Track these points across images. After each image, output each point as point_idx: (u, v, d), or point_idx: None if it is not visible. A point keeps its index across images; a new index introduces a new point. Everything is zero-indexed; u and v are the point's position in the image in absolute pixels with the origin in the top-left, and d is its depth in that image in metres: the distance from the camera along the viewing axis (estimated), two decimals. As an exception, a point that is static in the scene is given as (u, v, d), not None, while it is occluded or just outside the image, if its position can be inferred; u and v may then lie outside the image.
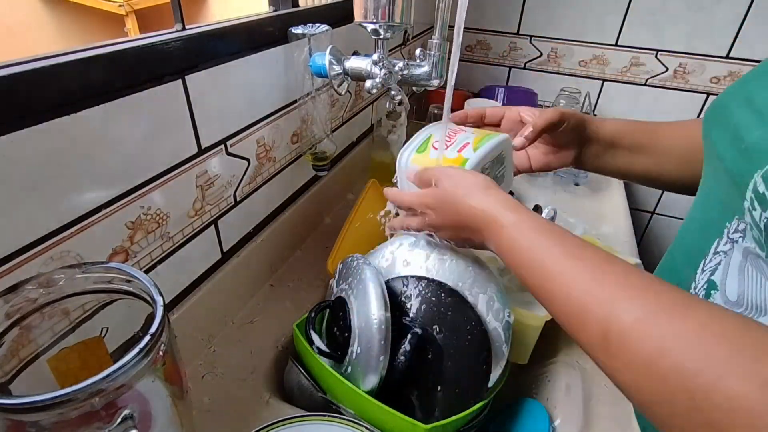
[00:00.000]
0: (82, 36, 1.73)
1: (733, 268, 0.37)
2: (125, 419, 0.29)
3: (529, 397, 0.59)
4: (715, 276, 0.39)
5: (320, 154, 0.74)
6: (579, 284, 0.33)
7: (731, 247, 0.37)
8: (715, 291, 0.39)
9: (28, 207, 0.37)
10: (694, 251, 0.42)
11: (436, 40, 0.59)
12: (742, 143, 0.35)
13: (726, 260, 0.38)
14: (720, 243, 0.39)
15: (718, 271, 0.39)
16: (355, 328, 0.51)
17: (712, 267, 0.39)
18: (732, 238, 0.37)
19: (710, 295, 0.39)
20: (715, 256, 0.39)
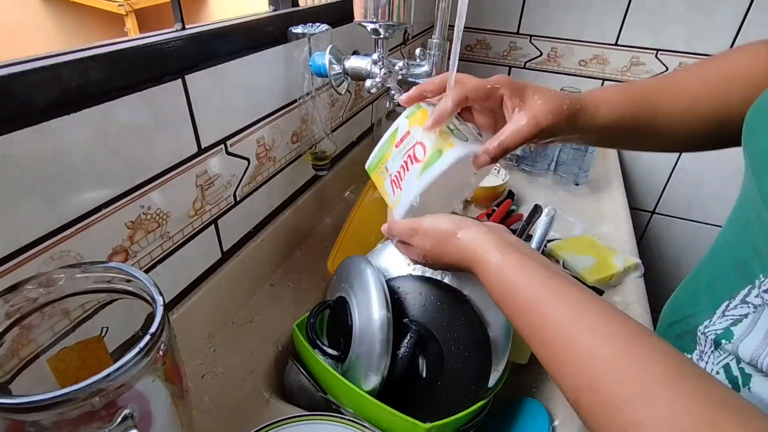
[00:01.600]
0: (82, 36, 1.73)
1: (760, 328, 0.32)
2: (125, 419, 0.29)
3: (529, 397, 0.59)
4: (736, 327, 0.34)
5: (320, 153, 0.74)
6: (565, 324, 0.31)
7: (762, 303, 0.32)
8: (726, 341, 0.35)
9: (28, 207, 0.37)
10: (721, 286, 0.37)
11: (436, 39, 0.59)
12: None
13: (754, 316, 0.33)
14: (752, 293, 0.33)
15: (741, 324, 0.34)
16: (356, 327, 0.51)
17: (735, 316, 0.35)
18: (764, 297, 0.32)
19: (720, 343, 0.36)
20: (742, 306, 0.34)
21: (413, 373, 0.50)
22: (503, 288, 0.36)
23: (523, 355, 0.63)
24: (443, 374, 0.50)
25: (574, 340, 0.30)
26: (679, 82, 0.45)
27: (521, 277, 0.35)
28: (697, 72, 0.46)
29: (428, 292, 0.52)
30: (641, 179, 1.44)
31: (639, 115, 0.44)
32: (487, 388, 0.51)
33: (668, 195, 1.45)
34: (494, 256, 0.38)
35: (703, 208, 1.42)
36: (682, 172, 1.39)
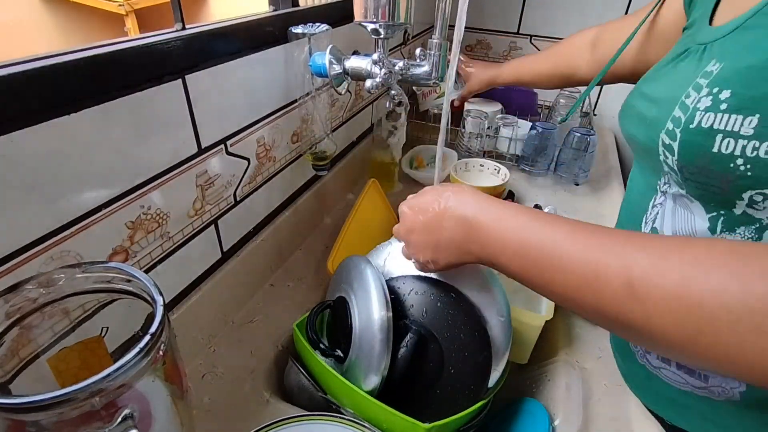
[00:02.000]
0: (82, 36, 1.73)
1: (667, 214, 0.46)
2: (125, 419, 0.29)
3: (529, 397, 0.59)
4: (656, 224, 0.48)
5: (320, 153, 0.74)
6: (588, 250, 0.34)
7: (664, 198, 0.47)
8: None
9: (28, 207, 0.37)
10: (637, 210, 0.51)
11: (436, 39, 0.59)
12: (645, 120, 0.46)
13: (662, 210, 0.47)
14: (656, 199, 0.48)
15: (657, 220, 0.48)
16: (356, 328, 0.51)
17: (652, 217, 0.48)
18: (663, 191, 0.47)
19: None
20: (654, 209, 0.48)
21: (413, 373, 0.50)
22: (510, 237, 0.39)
23: (523, 355, 0.63)
24: (443, 374, 0.50)
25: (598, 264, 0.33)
26: (539, 63, 0.93)
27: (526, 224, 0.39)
28: (552, 54, 0.91)
29: (428, 292, 0.52)
30: (641, 179, 1.44)
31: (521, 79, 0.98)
32: (487, 388, 0.51)
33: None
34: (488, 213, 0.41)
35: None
36: (682, 172, 1.39)
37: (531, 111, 1.31)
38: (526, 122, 1.15)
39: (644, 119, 0.47)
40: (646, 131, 0.46)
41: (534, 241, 0.37)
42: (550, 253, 0.36)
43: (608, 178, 1.14)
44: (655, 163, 0.46)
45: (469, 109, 1.14)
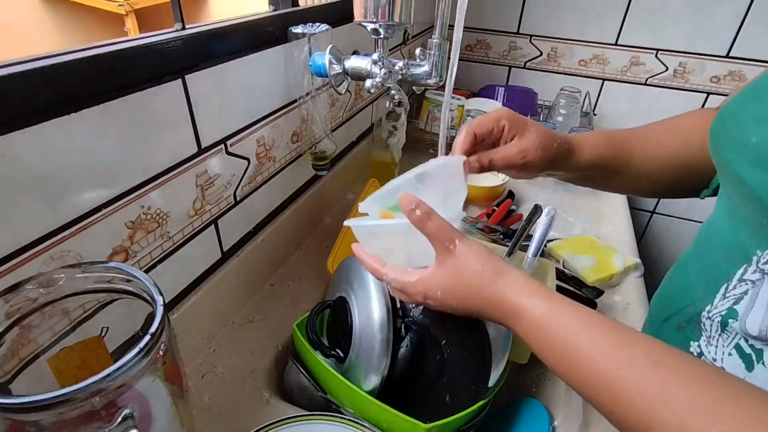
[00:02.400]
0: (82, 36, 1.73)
1: (761, 302, 0.35)
2: (125, 419, 0.29)
3: (529, 397, 0.59)
4: (739, 305, 0.36)
5: (320, 153, 0.74)
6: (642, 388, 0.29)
7: (761, 278, 0.35)
8: (733, 320, 0.37)
9: (28, 207, 0.37)
10: (715, 273, 0.39)
11: (436, 39, 0.59)
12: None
13: (754, 291, 0.35)
14: (748, 271, 0.36)
15: (743, 301, 0.36)
16: (356, 327, 0.51)
17: (735, 295, 0.37)
18: (763, 269, 0.35)
19: (727, 323, 0.37)
20: (741, 284, 0.36)
21: (413, 373, 0.50)
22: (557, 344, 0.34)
23: (523, 355, 0.63)
24: (443, 374, 0.50)
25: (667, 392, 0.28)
26: (648, 131, 0.52)
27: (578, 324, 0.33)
28: (660, 125, 0.53)
29: (428, 292, 0.52)
30: (641, 179, 1.44)
31: (616, 156, 0.50)
32: (487, 388, 0.51)
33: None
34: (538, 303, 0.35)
35: (703, 208, 1.42)
36: (682, 172, 1.39)
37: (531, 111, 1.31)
38: (526, 122, 1.15)
39: (766, 160, 0.33)
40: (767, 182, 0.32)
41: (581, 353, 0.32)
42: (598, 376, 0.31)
43: (608, 177, 1.14)
44: (766, 227, 0.33)
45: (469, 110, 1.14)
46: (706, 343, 0.39)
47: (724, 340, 0.38)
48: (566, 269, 0.81)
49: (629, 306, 0.73)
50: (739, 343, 0.37)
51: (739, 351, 0.37)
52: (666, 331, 0.45)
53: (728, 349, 0.37)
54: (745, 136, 0.35)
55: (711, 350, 0.39)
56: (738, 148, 0.36)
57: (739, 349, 0.37)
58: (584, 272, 0.77)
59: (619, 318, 0.71)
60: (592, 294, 0.74)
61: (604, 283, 0.77)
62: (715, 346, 0.39)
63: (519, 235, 0.68)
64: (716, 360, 0.38)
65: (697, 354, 0.40)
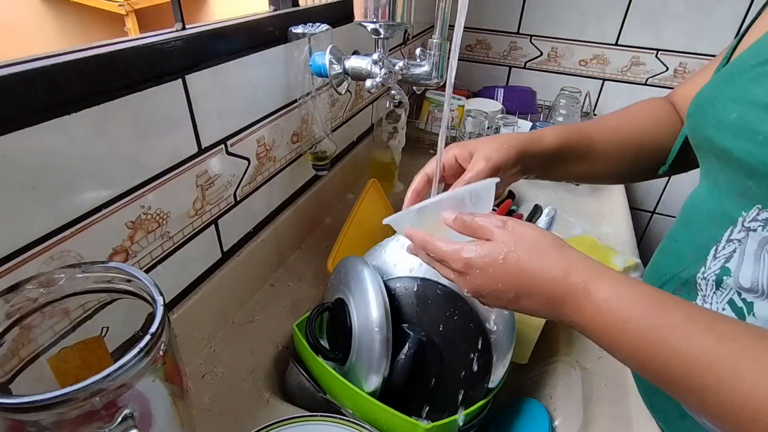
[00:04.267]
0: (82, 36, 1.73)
1: (749, 256, 0.38)
2: (125, 419, 0.29)
3: (529, 397, 0.59)
4: (730, 263, 0.39)
5: (320, 153, 0.74)
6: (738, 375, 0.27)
7: (746, 235, 0.38)
8: (727, 277, 0.40)
9: (28, 207, 0.37)
10: (704, 237, 0.43)
11: (436, 39, 0.59)
12: (758, 135, 0.35)
13: (741, 248, 0.39)
14: (734, 231, 0.39)
15: (733, 259, 0.39)
16: (355, 329, 0.51)
17: (725, 254, 0.40)
18: (748, 227, 0.38)
19: (722, 281, 0.40)
20: (729, 244, 0.40)
21: (413, 374, 0.50)
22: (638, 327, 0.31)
23: (523, 355, 0.63)
24: (443, 374, 0.50)
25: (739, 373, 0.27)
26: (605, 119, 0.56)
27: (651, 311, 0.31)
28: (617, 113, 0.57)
29: (427, 291, 0.52)
30: (641, 179, 1.44)
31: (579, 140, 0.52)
32: (487, 388, 0.51)
33: (668, 195, 1.45)
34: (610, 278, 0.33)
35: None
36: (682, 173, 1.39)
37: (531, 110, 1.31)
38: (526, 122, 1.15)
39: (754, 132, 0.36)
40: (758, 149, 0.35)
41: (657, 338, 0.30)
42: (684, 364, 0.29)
43: (608, 178, 1.14)
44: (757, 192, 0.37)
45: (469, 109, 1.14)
46: (702, 301, 0.42)
47: (719, 297, 0.41)
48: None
49: (629, 306, 0.73)
50: (732, 298, 0.40)
51: (731, 305, 0.40)
52: None
53: (722, 305, 0.40)
54: (724, 114, 0.39)
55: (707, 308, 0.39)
56: (719, 125, 0.40)
57: (731, 304, 0.40)
58: (584, 272, 0.77)
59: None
60: (592, 294, 0.74)
61: (604, 283, 0.76)
62: (710, 303, 0.41)
63: (519, 235, 0.68)
64: None
65: None
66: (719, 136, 0.40)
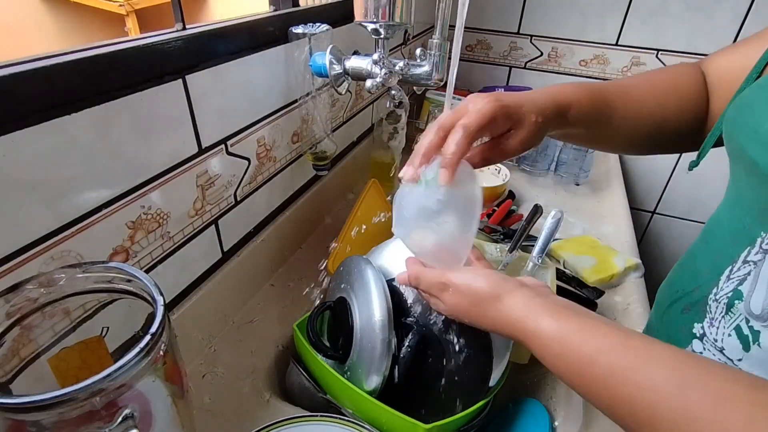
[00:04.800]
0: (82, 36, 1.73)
1: (763, 281, 0.36)
2: (126, 419, 0.29)
3: (529, 397, 0.59)
4: (743, 286, 0.37)
5: (320, 153, 0.74)
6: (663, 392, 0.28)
7: (763, 257, 0.36)
8: (739, 301, 0.38)
9: (28, 207, 0.37)
10: (721, 256, 0.40)
11: (436, 39, 0.59)
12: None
13: (756, 271, 0.36)
14: (751, 252, 0.37)
15: (746, 282, 0.37)
16: (357, 328, 0.51)
17: (740, 276, 0.38)
18: (766, 249, 0.36)
19: (733, 304, 0.38)
20: (745, 266, 0.37)
21: (414, 373, 0.50)
22: (570, 359, 0.33)
23: (524, 355, 0.63)
24: (444, 374, 0.50)
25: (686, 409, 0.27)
26: (630, 89, 0.51)
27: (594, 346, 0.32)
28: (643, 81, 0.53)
29: (428, 292, 0.52)
30: (641, 179, 1.44)
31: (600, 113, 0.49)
32: (488, 388, 0.51)
33: (668, 195, 1.45)
34: (548, 324, 0.35)
35: (703, 208, 1.42)
36: (682, 172, 1.39)
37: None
38: (526, 122, 1.15)
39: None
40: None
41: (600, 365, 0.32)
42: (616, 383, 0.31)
43: (609, 178, 1.14)
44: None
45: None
46: (709, 324, 0.41)
47: (726, 322, 0.39)
48: (567, 270, 0.81)
49: (629, 306, 0.73)
50: (739, 325, 0.38)
51: (737, 332, 0.38)
52: (671, 314, 0.46)
53: (729, 330, 0.39)
54: (758, 122, 0.36)
55: (713, 331, 0.40)
56: (752, 134, 0.37)
57: (738, 330, 0.38)
58: (585, 273, 0.77)
59: (620, 318, 0.71)
60: (592, 294, 0.74)
61: (604, 283, 0.77)
62: (717, 327, 0.40)
63: (519, 236, 0.68)
64: (717, 341, 0.40)
65: (699, 335, 0.41)
66: (749, 146, 0.37)
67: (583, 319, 0.34)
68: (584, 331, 0.33)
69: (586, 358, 0.32)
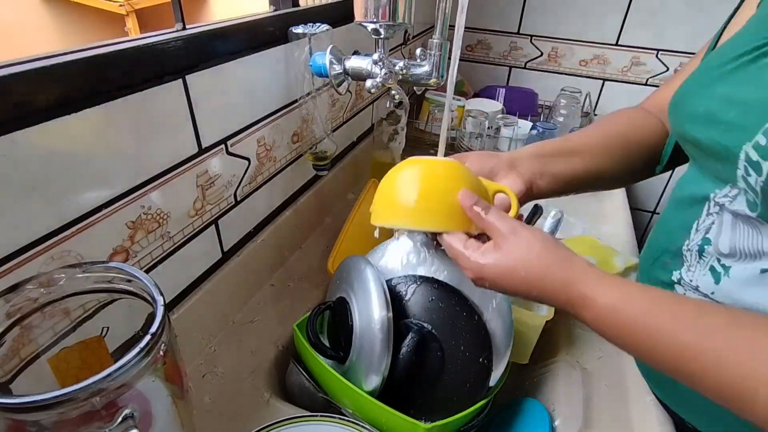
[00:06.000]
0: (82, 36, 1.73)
1: (726, 225, 0.42)
2: (126, 419, 0.29)
3: (529, 397, 0.59)
4: (710, 233, 0.44)
5: (320, 153, 0.74)
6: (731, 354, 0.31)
7: (719, 210, 0.43)
8: (708, 246, 0.44)
9: (28, 207, 0.37)
10: (688, 215, 0.47)
11: (436, 39, 0.59)
12: (720, 124, 0.40)
13: (719, 219, 0.43)
14: (710, 207, 0.44)
15: (712, 229, 0.44)
16: (356, 328, 0.51)
17: (706, 226, 0.44)
18: (718, 202, 0.43)
19: (704, 249, 0.44)
20: (708, 217, 0.44)
21: (413, 373, 0.50)
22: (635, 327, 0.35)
23: (524, 355, 0.63)
24: (443, 374, 0.50)
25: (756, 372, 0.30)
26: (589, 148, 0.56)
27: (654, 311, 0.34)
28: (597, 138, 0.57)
29: (428, 291, 0.52)
30: (642, 179, 1.44)
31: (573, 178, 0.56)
32: (488, 387, 0.51)
33: (668, 195, 1.45)
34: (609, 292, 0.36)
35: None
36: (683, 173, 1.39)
37: (531, 111, 1.31)
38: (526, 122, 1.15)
39: (718, 122, 0.40)
40: (720, 136, 0.40)
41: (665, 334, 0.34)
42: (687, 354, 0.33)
43: (608, 178, 1.14)
44: (724, 173, 0.41)
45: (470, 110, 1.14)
46: (686, 270, 0.47)
47: (701, 265, 0.45)
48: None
49: (630, 306, 0.73)
50: (712, 265, 0.44)
51: (712, 271, 0.44)
52: (655, 270, 0.52)
53: (704, 271, 0.45)
54: (694, 108, 0.44)
55: (689, 275, 0.46)
56: (691, 118, 0.44)
57: (712, 270, 0.44)
58: (585, 272, 0.77)
59: (620, 318, 0.71)
60: (592, 294, 0.74)
61: (604, 283, 0.76)
62: (694, 271, 0.46)
63: (519, 236, 0.67)
64: (692, 281, 0.46)
65: (677, 280, 0.48)
66: (691, 128, 0.44)
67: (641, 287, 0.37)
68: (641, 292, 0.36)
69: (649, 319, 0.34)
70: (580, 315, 0.38)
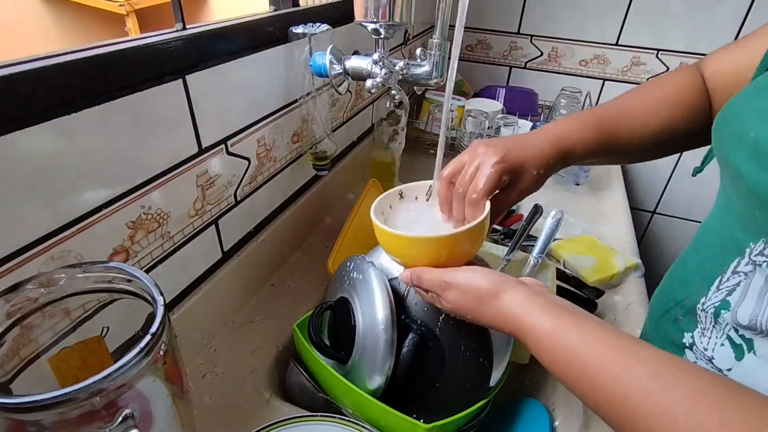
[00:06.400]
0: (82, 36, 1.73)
1: (753, 292, 0.36)
2: (126, 419, 0.29)
3: (529, 397, 0.59)
4: (731, 297, 0.38)
5: (321, 153, 0.74)
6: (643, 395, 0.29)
7: (753, 269, 0.36)
8: (725, 311, 0.38)
9: (28, 207, 0.37)
10: (711, 266, 0.40)
11: (436, 39, 0.59)
12: (766, 161, 0.33)
13: (746, 282, 0.36)
14: (741, 263, 0.37)
15: (735, 293, 0.37)
16: (359, 328, 0.51)
17: (729, 287, 0.38)
18: (755, 261, 0.36)
19: (719, 314, 0.39)
20: (734, 276, 0.37)
21: (414, 373, 0.50)
22: (560, 354, 0.34)
23: (524, 355, 0.63)
24: (444, 374, 0.50)
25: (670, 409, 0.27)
26: (632, 109, 0.52)
27: (583, 343, 0.33)
28: (643, 98, 0.53)
29: (429, 292, 0.52)
30: (641, 179, 1.44)
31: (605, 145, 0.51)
32: (488, 387, 0.51)
33: (668, 195, 1.45)
34: (543, 320, 0.35)
35: (703, 208, 1.42)
36: (683, 172, 1.39)
37: (531, 111, 1.31)
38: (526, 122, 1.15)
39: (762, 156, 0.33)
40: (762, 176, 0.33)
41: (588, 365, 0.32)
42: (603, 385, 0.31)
43: (609, 177, 1.14)
44: (757, 220, 0.35)
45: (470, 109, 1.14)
46: (700, 334, 0.41)
47: (717, 331, 0.39)
48: (567, 269, 0.81)
49: (630, 306, 0.73)
50: (729, 334, 0.38)
51: (730, 341, 0.38)
52: (663, 324, 0.47)
53: (720, 339, 0.39)
54: (744, 131, 0.36)
55: (704, 341, 0.41)
56: (737, 143, 0.36)
57: (730, 340, 0.38)
58: (585, 272, 0.77)
59: (620, 318, 0.71)
60: (592, 294, 0.74)
61: (604, 283, 0.76)
62: (708, 337, 0.40)
63: (519, 235, 0.68)
64: (707, 350, 0.40)
65: (689, 344, 0.42)
66: (735, 156, 0.37)
67: (576, 318, 0.35)
68: (576, 327, 0.34)
69: (575, 353, 0.33)
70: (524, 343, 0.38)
